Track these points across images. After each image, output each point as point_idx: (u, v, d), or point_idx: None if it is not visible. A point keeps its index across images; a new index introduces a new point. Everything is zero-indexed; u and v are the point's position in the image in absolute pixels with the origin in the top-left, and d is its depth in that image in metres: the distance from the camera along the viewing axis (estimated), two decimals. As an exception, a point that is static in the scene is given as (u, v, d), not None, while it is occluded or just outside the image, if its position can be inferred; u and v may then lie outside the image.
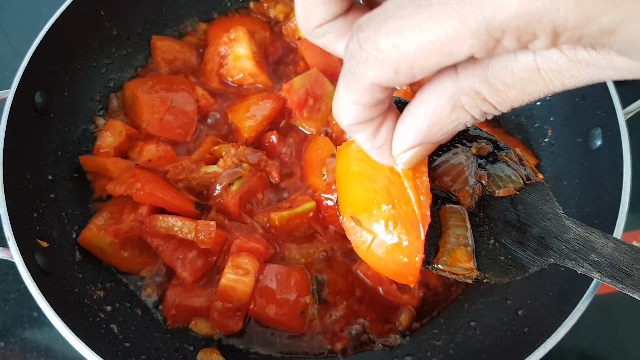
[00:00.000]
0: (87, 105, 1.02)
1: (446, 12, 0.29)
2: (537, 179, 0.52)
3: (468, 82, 0.33)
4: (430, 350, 0.86)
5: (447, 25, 0.29)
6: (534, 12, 0.27)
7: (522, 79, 0.32)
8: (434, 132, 0.37)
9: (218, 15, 1.19)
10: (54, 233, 0.85)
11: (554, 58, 0.31)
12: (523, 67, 0.32)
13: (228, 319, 0.84)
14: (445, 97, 0.34)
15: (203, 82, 1.08)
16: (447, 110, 0.35)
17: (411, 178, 0.43)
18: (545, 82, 0.32)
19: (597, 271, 0.46)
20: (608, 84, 0.86)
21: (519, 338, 0.80)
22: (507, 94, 0.33)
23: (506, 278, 0.47)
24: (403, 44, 0.30)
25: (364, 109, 0.37)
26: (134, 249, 0.89)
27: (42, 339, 0.94)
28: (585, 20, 0.28)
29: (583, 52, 0.31)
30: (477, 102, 0.34)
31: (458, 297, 0.92)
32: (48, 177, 0.90)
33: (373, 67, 0.32)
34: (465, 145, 0.52)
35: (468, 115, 0.35)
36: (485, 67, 0.33)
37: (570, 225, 0.49)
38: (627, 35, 0.28)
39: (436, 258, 0.46)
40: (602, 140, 0.87)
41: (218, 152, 0.96)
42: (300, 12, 0.39)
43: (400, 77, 0.32)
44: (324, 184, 0.94)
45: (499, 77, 0.32)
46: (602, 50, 0.30)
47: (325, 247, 0.93)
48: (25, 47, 0.87)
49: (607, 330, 0.98)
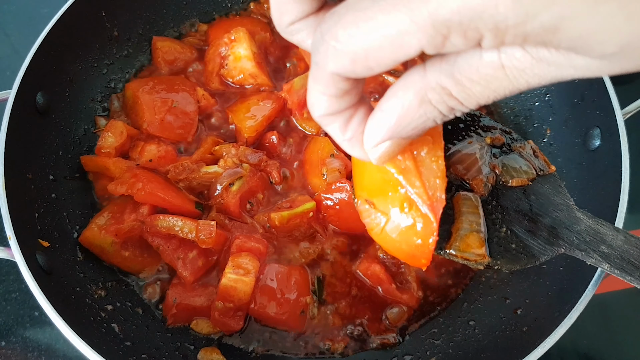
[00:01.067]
0: (88, 106, 1.03)
1: (396, 6, 0.30)
2: (550, 171, 0.53)
3: (435, 78, 0.34)
4: (430, 349, 0.86)
5: (397, 19, 0.30)
6: (474, 8, 0.28)
7: (487, 76, 0.33)
8: (402, 126, 0.37)
9: (218, 16, 1.20)
10: (55, 233, 0.86)
11: (517, 56, 0.32)
12: (488, 64, 0.32)
13: (229, 318, 0.84)
14: (412, 92, 0.35)
15: (204, 83, 1.09)
16: (415, 105, 0.35)
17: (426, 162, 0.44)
18: (509, 79, 0.33)
19: (606, 262, 0.47)
20: (607, 84, 0.86)
21: (518, 337, 0.80)
22: (472, 89, 0.33)
23: (517, 266, 0.48)
24: (358, 35, 0.32)
25: (332, 99, 0.38)
26: (135, 249, 0.89)
27: (43, 338, 0.94)
28: (525, 16, 0.28)
29: (544, 51, 0.31)
30: (444, 98, 0.35)
31: (457, 296, 0.92)
32: (49, 177, 0.91)
33: (332, 57, 0.34)
34: (480, 135, 0.52)
35: (435, 110, 0.35)
36: (451, 64, 0.33)
37: (582, 216, 0.50)
38: (572, 32, 0.29)
39: (449, 243, 0.47)
40: (601, 141, 0.87)
41: (218, 152, 0.97)
42: (274, 10, 0.40)
43: (358, 67, 0.33)
44: (324, 184, 0.94)
45: (465, 73, 0.33)
46: (560, 49, 0.31)
47: (325, 247, 0.93)
48: (26, 48, 0.87)
49: (605, 330, 0.98)
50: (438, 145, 0.44)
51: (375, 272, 0.89)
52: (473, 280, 0.94)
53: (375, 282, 0.90)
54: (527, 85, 0.33)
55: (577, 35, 0.29)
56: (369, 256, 0.92)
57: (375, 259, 0.90)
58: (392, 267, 0.91)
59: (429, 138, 0.45)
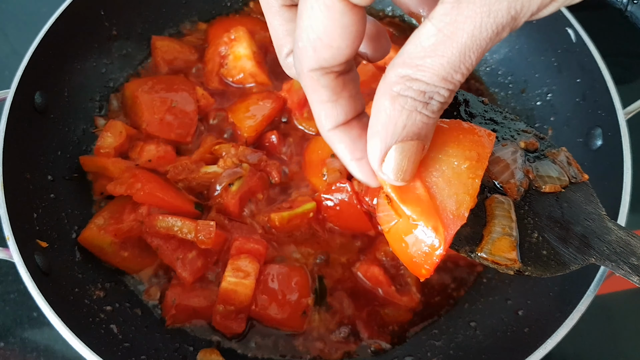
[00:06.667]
0: (86, 106, 1.02)
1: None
2: (583, 179, 0.53)
3: (392, 73, 0.36)
4: (431, 350, 0.86)
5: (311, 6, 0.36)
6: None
7: (431, 46, 0.34)
8: (391, 129, 0.38)
9: (218, 16, 1.19)
10: (53, 233, 0.85)
11: (441, 12, 0.34)
12: (426, 36, 0.34)
13: (231, 321, 0.84)
14: (380, 94, 0.37)
15: (203, 82, 1.08)
16: (388, 104, 0.37)
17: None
18: (450, 38, 0.34)
19: (636, 275, 0.47)
20: (609, 83, 0.86)
21: (519, 338, 0.80)
22: (425, 64, 0.35)
23: (547, 273, 0.47)
24: (304, 27, 0.37)
25: (329, 106, 0.41)
26: (134, 249, 0.89)
27: (41, 339, 0.94)
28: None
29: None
30: (407, 84, 0.36)
31: (458, 297, 0.92)
32: (48, 177, 0.90)
33: (302, 57, 0.38)
34: (514, 139, 0.52)
35: (407, 99, 0.36)
36: (401, 55, 0.36)
37: (613, 227, 0.50)
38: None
39: (480, 246, 0.46)
40: (603, 140, 0.87)
41: (218, 152, 0.96)
42: (275, 46, 0.46)
43: (322, 53, 0.37)
44: (324, 184, 0.94)
45: (413, 54, 0.35)
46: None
47: (325, 248, 0.93)
48: (24, 47, 0.87)
49: (607, 331, 0.98)
50: (481, 165, 0.44)
51: (374, 274, 0.89)
52: (474, 281, 0.93)
53: (375, 284, 0.89)
54: (468, 36, 0.34)
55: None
56: (369, 258, 0.91)
57: (375, 261, 0.90)
58: (391, 269, 0.90)
59: (474, 154, 0.45)
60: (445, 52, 0.34)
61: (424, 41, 0.34)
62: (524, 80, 1.07)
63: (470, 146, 0.45)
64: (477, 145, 0.45)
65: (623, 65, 1.19)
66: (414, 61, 0.35)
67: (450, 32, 0.33)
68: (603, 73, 0.87)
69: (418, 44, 0.35)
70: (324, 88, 0.40)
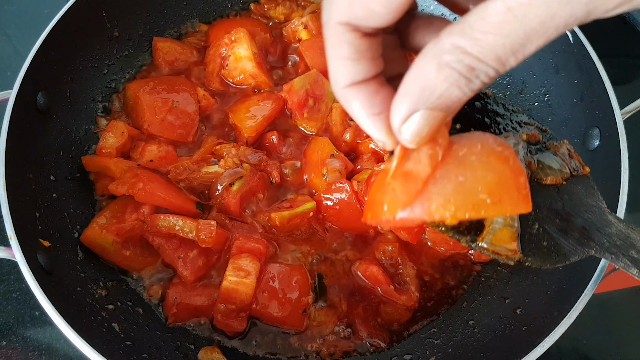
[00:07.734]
0: (88, 106, 1.03)
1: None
2: (584, 172, 0.53)
3: (448, 40, 0.35)
4: (429, 349, 0.86)
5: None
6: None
7: (497, 23, 0.33)
8: (426, 95, 0.37)
9: (219, 17, 1.20)
10: (56, 232, 0.86)
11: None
12: (495, 12, 0.33)
13: (231, 320, 0.85)
14: (428, 58, 0.36)
15: (204, 83, 1.09)
16: (433, 70, 0.36)
17: None
18: (519, 19, 0.32)
19: (635, 268, 0.47)
20: (606, 84, 0.86)
21: (517, 337, 0.81)
22: (485, 40, 0.34)
23: (547, 264, 0.47)
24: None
25: (349, 63, 0.39)
26: (136, 248, 0.90)
27: (44, 337, 0.94)
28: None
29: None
30: (460, 57, 0.35)
31: (457, 296, 0.93)
32: (50, 177, 0.91)
33: (333, 8, 0.36)
34: (516, 131, 0.52)
35: (455, 72, 0.35)
36: (461, 23, 0.34)
37: (613, 220, 0.50)
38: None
39: (481, 236, 0.46)
40: (600, 141, 0.87)
41: (219, 152, 0.97)
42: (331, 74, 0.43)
43: (356, 9, 0.35)
44: (324, 184, 0.95)
45: (475, 26, 0.34)
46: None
47: (324, 247, 0.94)
48: (27, 48, 0.88)
49: (605, 329, 0.98)
50: (493, 210, 0.42)
51: (373, 273, 0.89)
52: (473, 280, 0.94)
53: (373, 283, 0.90)
54: (538, 22, 0.32)
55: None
56: (368, 257, 0.92)
57: (374, 260, 0.91)
58: (390, 269, 0.91)
59: (497, 197, 0.42)
60: (511, 32, 0.33)
61: (491, 16, 0.33)
62: (521, 80, 1.07)
63: (502, 189, 0.42)
64: (508, 194, 0.42)
65: (620, 66, 1.20)
66: (474, 34, 0.34)
67: (521, 14, 0.32)
68: (600, 73, 0.88)
69: (483, 17, 0.33)
70: (347, 44, 0.38)
